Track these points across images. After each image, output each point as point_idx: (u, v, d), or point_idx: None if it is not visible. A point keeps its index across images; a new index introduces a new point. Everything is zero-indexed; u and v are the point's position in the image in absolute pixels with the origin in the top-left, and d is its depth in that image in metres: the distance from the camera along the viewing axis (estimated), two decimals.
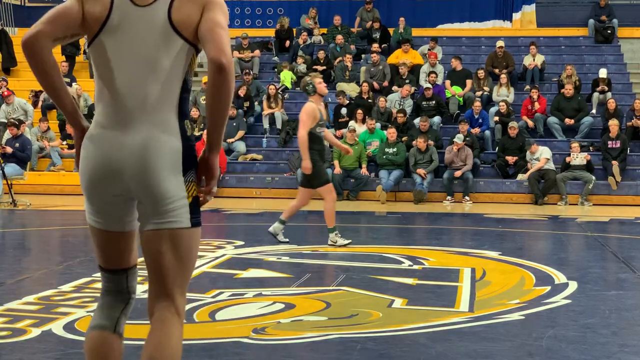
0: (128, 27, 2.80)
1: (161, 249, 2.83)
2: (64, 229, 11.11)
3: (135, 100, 2.80)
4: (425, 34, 20.85)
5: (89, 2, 2.83)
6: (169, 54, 2.79)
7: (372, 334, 5.01)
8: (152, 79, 2.79)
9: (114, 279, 2.99)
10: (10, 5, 23.21)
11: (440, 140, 16.32)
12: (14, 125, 14.84)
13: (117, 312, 2.96)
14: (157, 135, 2.78)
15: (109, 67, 2.82)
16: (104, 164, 2.80)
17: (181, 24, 2.79)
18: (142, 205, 2.84)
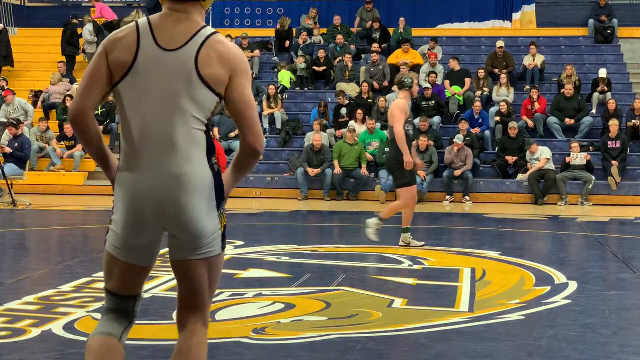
0: (154, 70, 2.87)
1: (197, 274, 2.99)
2: (64, 229, 11.12)
3: (164, 141, 2.86)
4: (425, 34, 20.84)
5: (114, 51, 2.89)
6: (195, 101, 2.87)
7: (372, 334, 5.01)
8: (179, 120, 2.86)
9: (124, 304, 3.06)
10: (10, 5, 23.22)
11: (440, 140, 16.32)
12: (13, 126, 14.84)
13: (122, 327, 3.05)
14: (188, 174, 2.87)
15: (135, 108, 2.89)
16: (137, 210, 2.90)
17: (208, 75, 2.86)
18: (177, 240, 2.95)
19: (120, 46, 2.89)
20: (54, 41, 20.86)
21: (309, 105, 18.48)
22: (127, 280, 3.03)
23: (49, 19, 22.65)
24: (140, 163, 2.88)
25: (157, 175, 2.87)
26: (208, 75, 2.85)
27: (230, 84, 2.89)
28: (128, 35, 2.90)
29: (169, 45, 2.87)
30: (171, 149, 2.86)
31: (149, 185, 2.87)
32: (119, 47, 2.89)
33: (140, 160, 2.88)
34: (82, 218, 13.11)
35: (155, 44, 2.88)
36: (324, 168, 15.46)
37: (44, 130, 17.13)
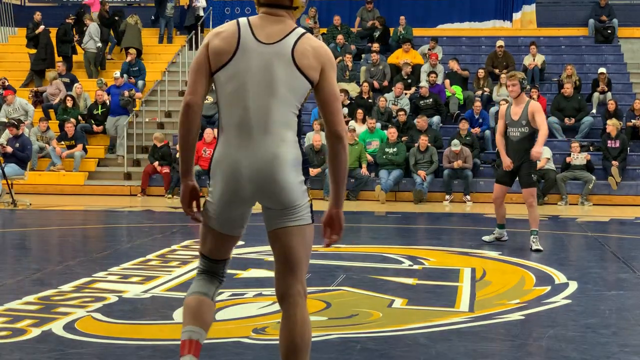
0: (254, 60, 3.21)
1: (292, 242, 3.30)
2: (64, 229, 11.11)
3: (260, 123, 3.20)
4: (425, 34, 20.85)
5: (214, 39, 3.26)
6: (290, 87, 3.21)
7: (372, 334, 5.01)
8: (275, 105, 3.21)
9: (215, 266, 3.47)
10: (10, 5, 23.22)
11: (440, 140, 16.31)
12: (14, 126, 14.84)
13: (213, 287, 3.45)
14: (282, 152, 3.21)
15: (236, 95, 3.23)
16: (234, 186, 3.26)
17: (303, 65, 3.21)
18: (271, 211, 3.31)
19: (221, 37, 3.25)
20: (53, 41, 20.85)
21: (309, 105, 18.47)
22: (219, 247, 3.43)
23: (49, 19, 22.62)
24: (240, 143, 3.22)
25: (255, 155, 3.21)
26: (304, 65, 3.20)
27: (322, 76, 3.25)
28: (229, 29, 3.27)
29: (267, 40, 3.23)
30: (268, 131, 3.21)
31: (248, 163, 3.21)
32: (220, 38, 3.25)
33: (240, 141, 3.22)
34: (82, 218, 13.11)
35: (255, 39, 3.23)
36: (324, 168, 15.45)
37: (44, 130, 17.13)
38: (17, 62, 21.58)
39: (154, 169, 16.07)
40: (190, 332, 3.33)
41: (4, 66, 20.99)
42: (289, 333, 3.25)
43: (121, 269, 7.31)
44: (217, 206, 3.33)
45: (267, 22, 3.27)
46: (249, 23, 3.27)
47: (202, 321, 3.36)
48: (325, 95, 3.25)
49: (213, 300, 3.43)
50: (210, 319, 3.40)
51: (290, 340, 3.25)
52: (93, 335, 4.92)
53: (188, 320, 3.36)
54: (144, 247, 8.83)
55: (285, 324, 3.27)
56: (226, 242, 3.43)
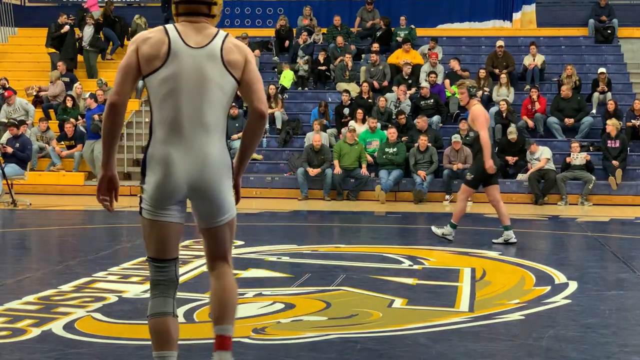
0: (184, 64, 3.43)
1: (222, 235, 3.64)
2: (64, 229, 11.11)
3: (192, 123, 3.43)
4: (425, 34, 20.85)
5: (143, 45, 3.45)
6: (220, 87, 3.47)
7: (372, 334, 5.01)
8: (206, 106, 3.45)
9: (166, 270, 3.59)
10: (10, 5, 23.21)
11: (440, 140, 16.31)
12: (14, 126, 14.84)
13: (170, 299, 3.58)
14: (212, 152, 3.46)
15: (168, 97, 3.44)
16: (168, 181, 3.46)
17: (232, 64, 3.48)
18: (201, 210, 3.56)
19: (150, 44, 3.43)
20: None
21: (309, 105, 18.49)
22: (164, 242, 3.56)
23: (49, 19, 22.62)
24: (172, 142, 3.43)
25: (187, 154, 3.43)
26: (231, 62, 3.47)
27: (245, 67, 3.51)
28: (157, 35, 3.47)
29: (197, 45, 3.47)
30: (199, 131, 3.44)
31: (179, 162, 3.43)
32: (149, 45, 3.43)
33: (173, 140, 3.43)
34: (82, 218, 13.11)
35: (185, 44, 3.45)
36: (324, 168, 15.46)
37: (44, 130, 17.13)
38: (17, 62, 21.58)
39: None
40: (163, 359, 3.54)
41: (4, 66, 20.98)
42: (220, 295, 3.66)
43: (121, 269, 7.32)
44: (152, 199, 3.52)
45: (192, 29, 3.50)
46: (177, 29, 3.48)
47: (171, 344, 3.54)
48: (248, 78, 3.51)
49: (174, 314, 3.58)
50: (176, 335, 3.58)
51: (221, 301, 3.65)
52: (93, 335, 4.92)
53: (158, 346, 3.53)
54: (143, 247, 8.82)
55: (218, 288, 3.66)
56: (169, 234, 3.56)
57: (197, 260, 7.78)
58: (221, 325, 3.65)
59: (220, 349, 3.64)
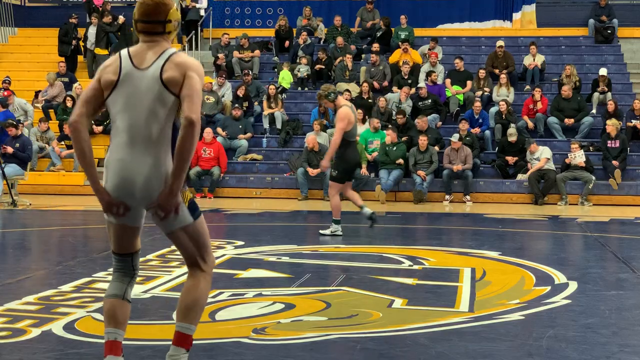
0: (132, 85, 3.79)
1: (183, 240, 3.91)
2: (64, 229, 11.11)
3: (142, 138, 3.76)
4: (426, 34, 20.85)
5: (104, 73, 3.84)
6: (162, 104, 3.76)
7: (372, 334, 5.01)
8: (152, 121, 3.76)
9: (124, 261, 4.01)
10: (10, 5, 23.21)
11: (441, 140, 16.31)
12: (13, 126, 14.84)
13: (125, 284, 3.99)
14: (157, 162, 3.76)
15: (121, 113, 3.80)
16: (120, 183, 3.79)
17: (170, 82, 3.75)
18: (156, 217, 3.81)
19: (108, 70, 3.85)
20: (54, 41, 20.87)
21: (309, 105, 18.48)
22: (122, 240, 3.97)
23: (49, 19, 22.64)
24: (124, 151, 3.79)
25: (136, 163, 3.76)
26: (168, 78, 3.73)
27: (184, 82, 3.73)
28: (113, 62, 3.86)
29: (142, 65, 3.80)
30: (147, 143, 3.76)
31: (130, 171, 3.77)
32: (107, 71, 3.85)
33: (125, 150, 3.79)
34: (82, 218, 13.11)
35: (133, 66, 3.81)
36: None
37: (44, 130, 17.13)
38: (17, 62, 21.58)
39: None
40: (109, 334, 3.91)
41: (4, 66, 20.98)
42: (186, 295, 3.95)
43: None
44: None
45: (143, 49, 3.85)
46: (129, 53, 3.84)
47: (117, 322, 3.92)
48: (184, 93, 3.71)
49: (125, 298, 3.97)
50: (124, 317, 3.95)
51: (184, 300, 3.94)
52: (93, 335, 4.92)
53: (107, 323, 3.93)
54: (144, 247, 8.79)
55: (184, 287, 3.98)
56: (126, 234, 3.94)
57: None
58: (181, 322, 3.95)
59: (176, 345, 3.96)
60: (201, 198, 15.68)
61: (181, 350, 3.97)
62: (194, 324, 3.97)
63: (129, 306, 3.99)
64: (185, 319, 3.94)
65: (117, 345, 3.90)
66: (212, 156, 15.89)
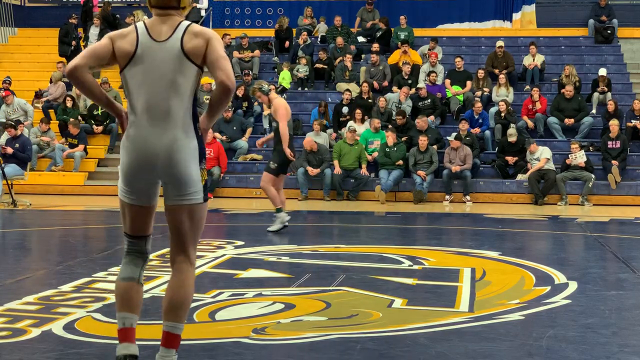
0: (151, 58, 3.77)
1: (182, 218, 3.85)
2: (64, 229, 11.11)
3: (162, 111, 3.75)
4: (425, 34, 20.85)
5: (118, 41, 3.80)
6: (183, 75, 3.76)
7: (372, 334, 5.01)
8: (173, 94, 3.76)
9: (137, 243, 3.97)
10: (10, 5, 23.22)
11: (442, 140, 16.31)
12: (12, 127, 14.83)
13: (138, 267, 3.95)
14: (180, 136, 3.76)
15: (139, 87, 3.78)
16: (140, 159, 3.76)
17: (191, 53, 3.75)
18: (168, 186, 3.82)
19: (124, 39, 3.80)
20: (54, 41, 20.88)
21: (309, 105, 18.48)
22: (136, 220, 3.92)
23: (49, 19, 22.64)
24: (145, 125, 3.75)
25: (158, 136, 3.74)
26: (190, 49, 3.74)
27: (207, 49, 3.75)
28: (129, 33, 3.82)
29: (160, 37, 3.79)
30: (167, 117, 3.74)
31: (151, 143, 3.74)
32: (124, 41, 3.80)
33: (145, 124, 3.76)
34: (82, 218, 13.11)
35: (150, 38, 3.79)
36: (324, 168, 15.46)
37: (45, 130, 17.13)
38: (17, 62, 21.58)
39: None
40: (124, 319, 3.88)
41: (4, 66, 20.98)
42: (172, 292, 3.87)
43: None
44: (126, 178, 3.83)
45: (158, 22, 3.83)
46: (145, 25, 3.82)
47: (132, 306, 3.88)
48: (212, 57, 3.75)
49: (139, 282, 3.93)
50: (139, 300, 3.91)
51: (172, 298, 3.86)
52: (93, 335, 4.92)
53: (120, 307, 3.89)
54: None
55: (170, 285, 3.89)
56: (141, 215, 3.91)
57: (197, 260, 7.77)
58: (170, 322, 3.86)
59: (165, 346, 3.87)
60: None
61: (171, 351, 3.89)
62: (182, 322, 3.89)
63: (142, 290, 3.96)
64: (175, 318, 3.86)
65: (132, 332, 3.87)
66: (212, 156, 15.89)
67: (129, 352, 3.87)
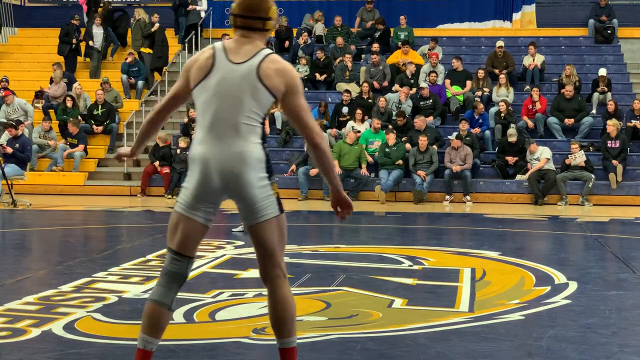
0: (224, 78, 3.75)
1: (265, 235, 3.80)
2: (64, 229, 11.12)
3: (229, 128, 3.72)
4: (425, 34, 20.85)
5: (193, 67, 3.83)
6: (254, 98, 3.73)
7: (372, 334, 5.01)
8: (241, 114, 3.72)
9: (180, 263, 3.82)
10: (10, 5, 23.22)
11: (442, 139, 16.31)
12: (12, 126, 14.83)
13: (173, 292, 3.81)
14: (246, 150, 3.71)
15: (208, 105, 3.75)
16: (206, 175, 3.72)
17: (268, 83, 3.72)
18: (241, 207, 3.78)
19: (198, 62, 3.82)
20: (54, 41, 20.87)
21: (309, 105, 18.45)
22: (187, 238, 3.80)
23: (49, 19, 22.64)
24: (211, 143, 3.73)
25: (223, 153, 3.70)
26: (267, 83, 3.71)
27: (287, 93, 3.76)
28: (206, 54, 3.82)
29: (237, 60, 3.76)
30: (235, 133, 3.71)
31: (217, 160, 3.70)
32: (197, 63, 3.82)
33: (211, 141, 3.73)
34: (82, 218, 13.11)
35: (227, 59, 3.78)
36: None
37: (47, 130, 17.13)
38: (17, 62, 21.58)
39: (154, 169, 16.07)
40: (146, 342, 3.79)
41: (4, 66, 20.98)
42: (274, 309, 3.82)
43: (121, 269, 7.32)
44: (190, 194, 3.77)
45: (238, 44, 3.81)
46: (224, 47, 3.81)
47: (157, 331, 3.80)
48: (293, 110, 3.79)
49: (171, 308, 3.82)
50: (164, 327, 3.83)
51: (275, 315, 3.82)
52: (93, 335, 4.92)
53: (146, 329, 3.79)
54: (144, 247, 8.83)
55: (271, 303, 3.84)
56: (194, 232, 3.80)
57: (197, 260, 7.78)
58: (282, 339, 3.85)
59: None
60: None
61: None
62: (293, 335, 3.85)
63: (171, 315, 3.89)
64: (286, 334, 3.83)
65: (149, 356, 3.81)
66: None
67: None
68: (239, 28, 3.84)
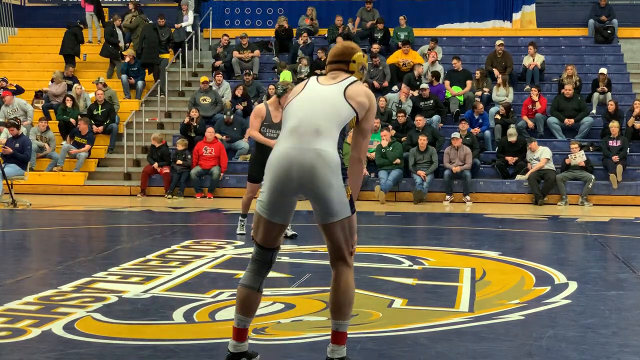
0: (313, 93, 4.21)
1: (335, 234, 4.14)
2: (64, 229, 11.11)
3: (311, 130, 4.08)
4: (425, 34, 20.85)
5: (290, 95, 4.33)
6: (337, 109, 4.14)
7: (372, 334, 5.01)
8: (323, 119, 4.11)
9: (264, 254, 4.22)
10: (10, 5, 23.22)
11: (442, 138, 16.30)
12: (14, 126, 14.83)
13: (261, 276, 4.22)
14: (327, 150, 4.05)
15: (295, 112, 4.16)
16: (283, 173, 4.06)
17: (353, 100, 4.15)
18: (316, 206, 4.10)
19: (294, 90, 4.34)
20: (54, 41, 20.88)
21: None
22: (269, 235, 4.18)
23: (49, 19, 22.65)
24: (292, 143, 4.07)
25: (303, 153, 4.02)
26: (354, 100, 4.15)
27: (366, 115, 4.21)
28: (299, 84, 4.34)
29: (327, 83, 4.27)
30: (316, 135, 4.06)
31: (297, 160, 4.02)
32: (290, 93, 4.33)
33: (293, 142, 4.07)
34: (82, 218, 13.11)
35: (318, 83, 4.28)
36: None
37: (44, 130, 17.12)
38: (17, 62, 21.58)
39: (153, 169, 16.07)
40: (240, 320, 4.20)
41: (4, 66, 20.99)
42: (335, 292, 4.15)
43: (121, 269, 7.31)
44: (268, 195, 4.13)
45: (329, 77, 4.32)
46: (316, 78, 4.33)
47: (250, 311, 4.21)
48: (364, 129, 4.25)
49: (260, 290, 4.23)
50: (256, 307, 4.25)
51: (335, 297, 4.16)
52: (93, 335, 4.92)
53: (239, 309, 4.21)
54: (144, 247, 8.83)
55: (333, 286, 4.17)
56: (273, 230, 4.17)
57: (197, 260, 7.78)
58: (336, 320, 4.19)
59: (333, 343, 4.21)
60: (201, 198, 15.68)
61: (340, 347, 4.21)
62: (347, 319, 4.19)
63: (261, 296, 4.25)
64: (340, 317, 4.17)
65: (245, 333, 4.20)
66: (213, 155, 15.92)
67: (239, 350, 4.20)
68: (330, 63, 4.35)
